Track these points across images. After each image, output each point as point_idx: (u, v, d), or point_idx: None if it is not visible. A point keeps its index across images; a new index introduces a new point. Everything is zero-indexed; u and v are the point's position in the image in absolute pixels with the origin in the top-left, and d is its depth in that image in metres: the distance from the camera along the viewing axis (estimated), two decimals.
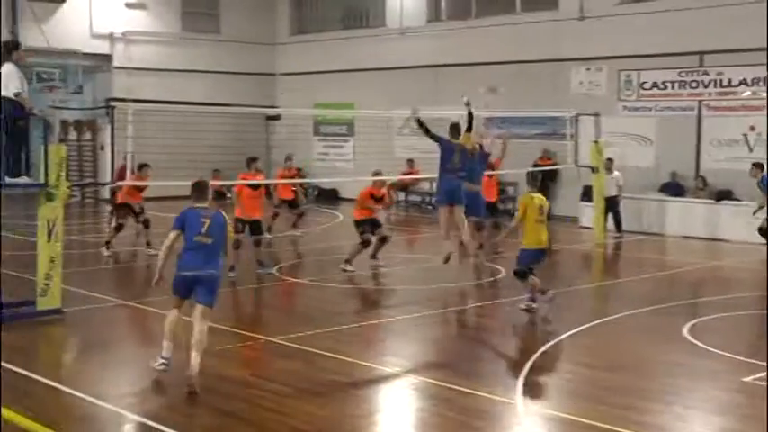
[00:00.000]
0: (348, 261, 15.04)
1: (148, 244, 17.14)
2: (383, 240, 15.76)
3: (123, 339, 11.06)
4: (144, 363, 9.80)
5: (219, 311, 11.84)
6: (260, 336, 10.48)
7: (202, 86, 28.91)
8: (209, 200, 9.41)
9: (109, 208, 19.61)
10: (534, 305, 12.10)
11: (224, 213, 9.32)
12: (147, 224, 17.38)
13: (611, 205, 20.26)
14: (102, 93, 27.37)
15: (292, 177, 20.66)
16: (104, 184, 17.05)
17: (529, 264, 12.19)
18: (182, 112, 23.39)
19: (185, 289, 9.02)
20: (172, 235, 9.01)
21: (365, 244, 15.31)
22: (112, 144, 13.47)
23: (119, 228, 17.18)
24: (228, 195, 14.70)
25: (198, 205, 9.20)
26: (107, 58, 28.07)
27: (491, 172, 16.93)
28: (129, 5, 28.24)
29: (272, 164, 30.39)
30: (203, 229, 8.96)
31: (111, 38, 27.96)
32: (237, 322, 11.23)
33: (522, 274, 12.16)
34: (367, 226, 15.43)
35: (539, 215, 12.03)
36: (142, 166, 16.31)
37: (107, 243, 17.07)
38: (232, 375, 8.91)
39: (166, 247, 9.07)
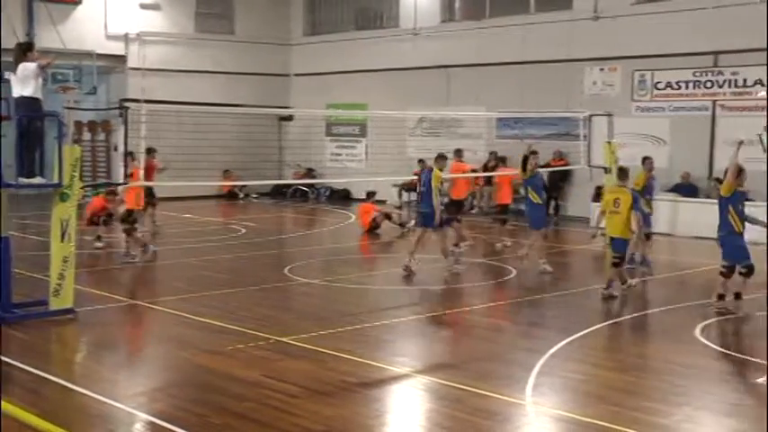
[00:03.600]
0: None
1: (99, 238, 17.37)
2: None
3: (134, 339, 11.11)
4: (155, 362, 9.86)
5: (230, 312, 11.95)
6: (270, 336, 10.49)
7: (216, 87, 29.02)
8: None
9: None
10: (612, 292, 13.08)
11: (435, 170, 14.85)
12: (106, 222, 17.77)
13: None
14: (116, 93, 27.50)
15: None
16: (118, 185, 17.04)
17: (615, 250, 13.32)
18: (195, 113, 23.51)
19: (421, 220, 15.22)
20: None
21: None
22: (126, 144, 13.52)
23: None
24: None
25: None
26: (121, 58, 28.18)
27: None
28: (143, 6, 28.35)
29: (284, 164, 30.55)
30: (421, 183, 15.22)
31: (125, 39, 28.08)
32: (248, 323, 11.24)
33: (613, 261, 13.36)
34: None
35: (613, 207, 13.28)
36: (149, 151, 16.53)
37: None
38: (243, 376, 8.93)
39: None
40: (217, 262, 16.41)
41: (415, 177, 23.59)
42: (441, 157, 15.82)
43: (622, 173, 14.10)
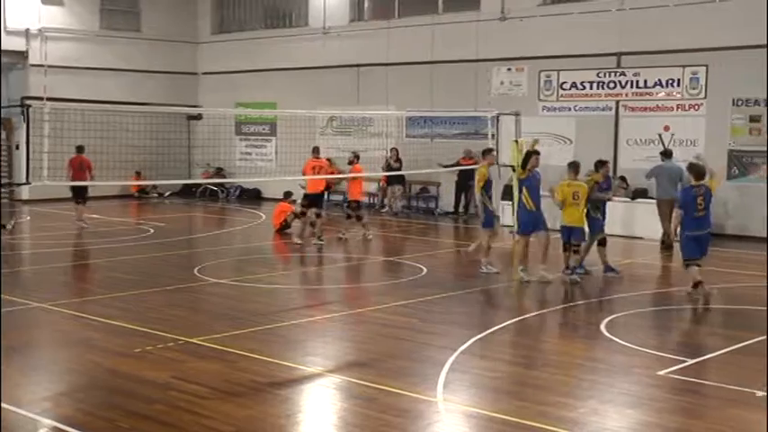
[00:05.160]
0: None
1: None
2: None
3: (39, 343, 10.82)
4: (60, 367, 9.62)
5: (139, 314, 11.75)
6: (179, 337, 10.35)
7: (122, 85, 28.51)
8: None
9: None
10: (575, 277, 14.07)
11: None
12: None
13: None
14: (17, 91, 26.75)
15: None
16: (20, 184, 16.61)
17: (568, 238, 14.42)
18: (101, 112, 23.02)
19: None
20: None
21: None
22: (28, 143, 13.14)
23: None
24: None
25: None
26: (22, 54, 27.44)
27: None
28: (45, 1, 27.64)
29: (193, 164, 30.19)
30: None
31: (26, 34, 27.34)
32: (157, 324, 11.08)
33: (564, 247, 14.50)
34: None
35: (572, 199, 14.30)
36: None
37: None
38: (151, 378, 8.79)
39: None
40: (125, 263, 16.12)
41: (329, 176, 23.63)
42: (487, 152, 15.61)
43: (576, 167, 14.66)
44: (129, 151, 24.51)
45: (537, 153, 14.85)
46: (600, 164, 15.67)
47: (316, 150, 19.32)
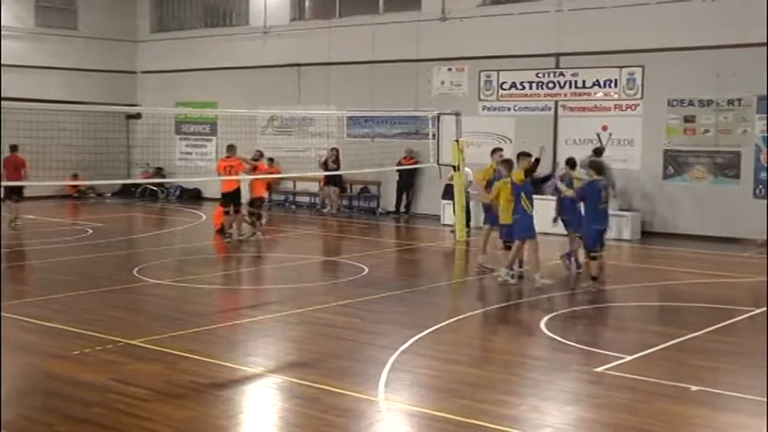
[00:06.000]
0: None
1: None
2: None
3: None
4: None
5: (77, 315, 11.58)
6: (118, 339, 10.23)
7: (58, 84, 28.04)
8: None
9: None
10: (509, 278, 13.99)
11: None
12: None
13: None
14: None
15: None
16: None
17: (510, 237, 14.28)
18: (37, 111, 22.65)
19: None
20: None
21: None
22: None
23: None
24: None
25: None
26: None
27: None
28: None
29: (132, 164, 29.84)
30: None
31: None
32: (95, 326, 10.93)
33: (504, 246, 14.49)
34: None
35: (510, 196, 14.13)
36: None
37: None
38: (90, 380, 8.67)
39: None
40: (63, 264, 15.87)
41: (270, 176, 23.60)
42: (494, 151, 16.11)
43: (509, 165, 14.47)
44: (67, 151, 24.12)
45: (529, 155, 14.48)
46: (572, 162, 15.78)
47: (230, 149, 19.27)
